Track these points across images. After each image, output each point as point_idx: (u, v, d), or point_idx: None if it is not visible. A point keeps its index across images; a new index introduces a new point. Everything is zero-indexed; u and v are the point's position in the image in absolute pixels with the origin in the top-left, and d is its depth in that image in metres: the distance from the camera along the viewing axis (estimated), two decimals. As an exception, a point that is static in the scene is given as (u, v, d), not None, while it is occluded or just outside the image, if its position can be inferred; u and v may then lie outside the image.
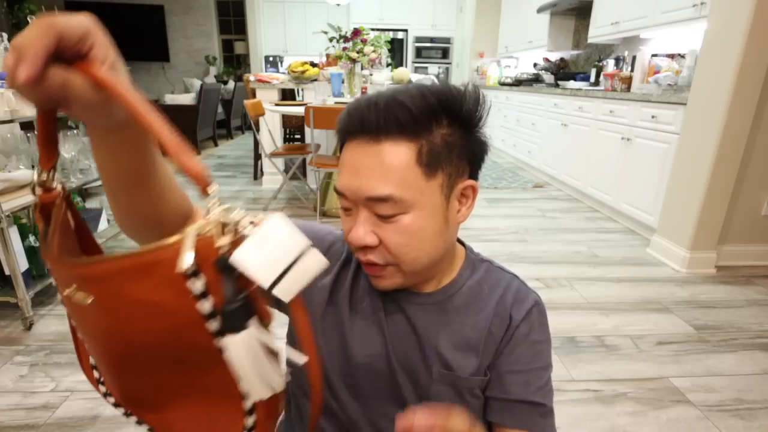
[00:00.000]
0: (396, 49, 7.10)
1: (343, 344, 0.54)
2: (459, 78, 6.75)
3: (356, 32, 2.93)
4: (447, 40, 7.09)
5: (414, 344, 0.53)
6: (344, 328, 0.54)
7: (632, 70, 3.05)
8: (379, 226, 0.46)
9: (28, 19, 1.85)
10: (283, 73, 4.05)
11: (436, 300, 0.54)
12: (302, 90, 3.75)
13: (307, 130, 2.63)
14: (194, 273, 0.27)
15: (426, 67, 7.17)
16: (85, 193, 3.22)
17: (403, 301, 0.54)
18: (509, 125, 4.81)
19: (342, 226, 0.51)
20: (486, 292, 0.55)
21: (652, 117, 2.46)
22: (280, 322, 0.35)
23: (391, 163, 0.44)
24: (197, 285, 0.27)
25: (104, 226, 2.16)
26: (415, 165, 0.45)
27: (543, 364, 0.54)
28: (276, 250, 0.27)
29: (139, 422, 0.40)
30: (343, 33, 3.01)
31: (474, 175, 0.51)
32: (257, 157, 3.93)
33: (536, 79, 4.54)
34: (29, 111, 1.66)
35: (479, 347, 0.53)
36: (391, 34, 6.84)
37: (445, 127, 0.46)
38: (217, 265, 0.27)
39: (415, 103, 0.44)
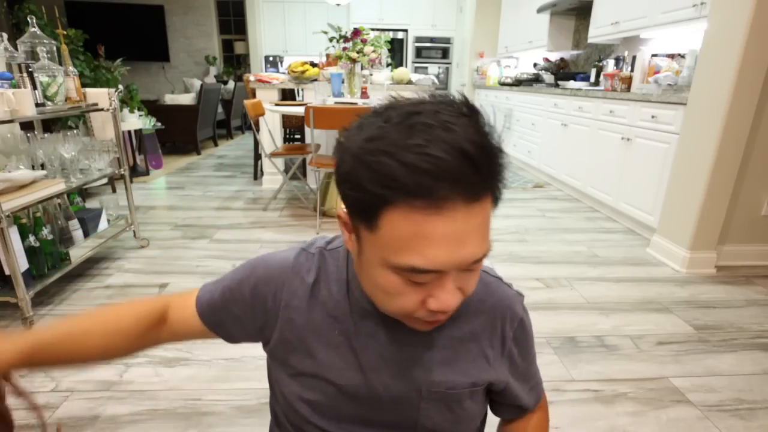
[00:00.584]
0: (396, 49, 7.10)
1: (320, 379, 0.53)
2: (459, 78, 6.75)
3: (356, 32, 2.93)
4: (447, 40, 7.09)
5: (397, 366, 0.52)
6: (317, 363, 0.52)
7: (632, 70, 3.05)
8: (462, 279, 0.42)
9: (28, 19, 1.85)
10: (283, 73, 4.05)
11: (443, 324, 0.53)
12: (302, 90, 3.75)
13: (307, 130, 2.63)
14: None
15: (426, 67, 7.17)
16: (84, 193, 3.22)
17: (389, 322, 0.51)
18: (509, 125, 4.80)
19: (393, 299, 0.42)
20: (475, 300, 0.53)
21: (652, 117, 2.46)
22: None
23: (487, 221, 0.40)
24: None
25: (104, 226, 2.16)
26: (491, 212, 0.41)
27: (533, 357, 0.60)
28: None
29: None
30: (343, 33, 3.01)
31: None
32: (257, 157, 3.93)
33: (536, 79, 4.54)
34: (29, 111, 1.66)
35: (470, 359, 0.53)
36: (391, 34, 6.84)
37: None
38: None
39: (497, 142, 0.39)
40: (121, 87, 3.04)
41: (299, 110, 2.73)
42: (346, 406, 0.53)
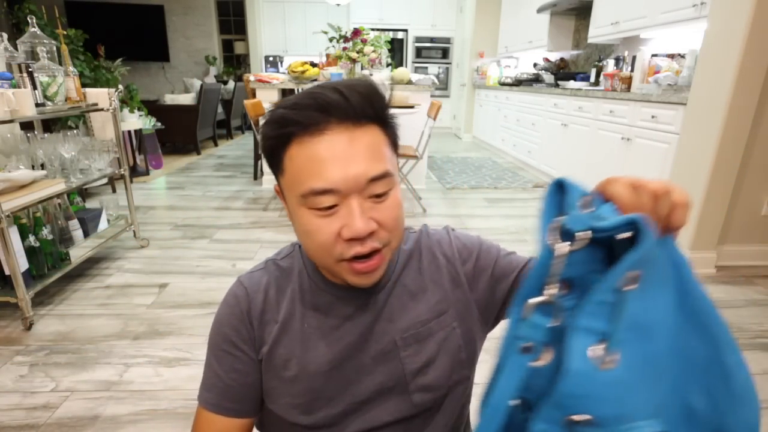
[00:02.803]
0: (396, 49, 7.10)
1: (306, 375, 0.54)
2: (459, 78, 6.75)
3: (356, 32, 2.93)
4: (447, 40, 7.09)
5: (369, 332, 0.55)
6: (299, 361, 0.54)
7: (632, 70, 3.05)
8: (374, 209, 0.47)
9: (28, 19, 1.85)
10: (283, 73, 4.05)
11: (393, 279, 0.57)
12: (302, 90, 3.75)
13: (307, 130, 2.63)
14: None
15: (426, 67, 7.17)
16: (84, 193, 3.22)
17: (353, 299, 0.55)
18: (509, 125, 4.81)
19: (314, 237, 0.47)
20: (413, 250, 0.59)
21: (652, 117, 2.46)
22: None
23: (376, 145, 0.47)
24: None
25: (104, 226, 2.16)
26: (388, 145, 0.49)
27: (497, 253, 0.59)
28: None
29: None
30: (343, 33, 3.01)
31: None
32: (257, 157, 3.93)
33: (536, 79, 4.54)
34: (29, 111, 1.66)
35: (429, 296, 0.57)
36: (391, 34, 6.84)
37: (388, 117, 0.50)
38: None
39: (375, 88, 0.48)
40: (121, 87, 3.04)
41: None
42: (337, 392, 0.54)
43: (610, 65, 3.50)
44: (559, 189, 0.35)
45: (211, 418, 0.56)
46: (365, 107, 0.46)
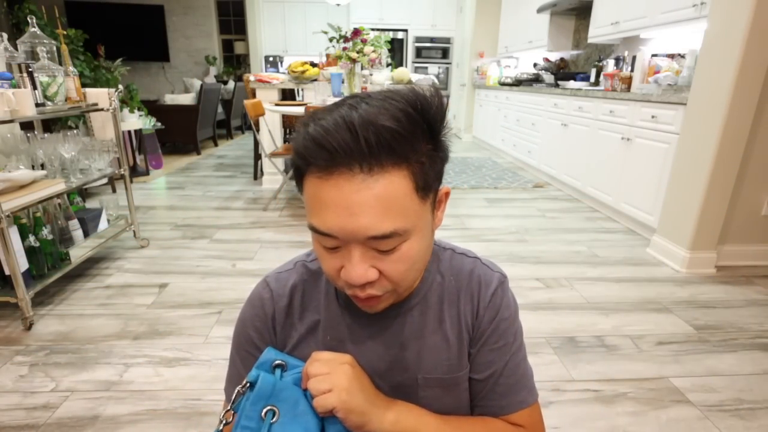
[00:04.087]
0: (396, 49, 7.10)
1: None
2: (459, 78, 6.74)
3: (356, 32, 2.93)
4: (447, 40, 7.09)
5: (392, 359, 0.53)
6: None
7: (632, 70, 3.05)
8: (379, 259, 0.43)
9: (28, 19, 1.85)
10: (283, 73, 4.05)
11: (413, 304, 0.54)
12: (302, 90, 3.75)
13: (307, 130, 2.62)
14: None
15: (426, 67, 7.17)
16: (84, 193, 3.22)
17: (379, 318, 0.53)
18: (509, 125, 4.81)
19: (321, 262, 0.47)
20: (454, 284, 0.55)
21: (652, 117, 2.46)
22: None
23: (390, 197, 0.40)
24: None
25: (104, 226, 2.16)
26: (412, 190, 0.41)
27: (507, 342, 0.54)
28: None
29: None
30: (343, 33, 3.01)
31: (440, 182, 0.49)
32: (257, 157, 3.93)
33: (536, 79, 4.54)
34: (29, 111, 1.66)
35: (459, 342, 0.54)
36: (391, 34, 6.84)
37: (428, 142, 0.42)
38: None
39: (402, 123, 0.39)
40: (121, 87, 3.04)
41: (299, 110, 2.74)
42: None
43: (610, 65, 3.50)
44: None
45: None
46: (382, 150, 0.38)
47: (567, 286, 1.97)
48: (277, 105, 3.27)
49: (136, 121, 3.81)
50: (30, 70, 1.73)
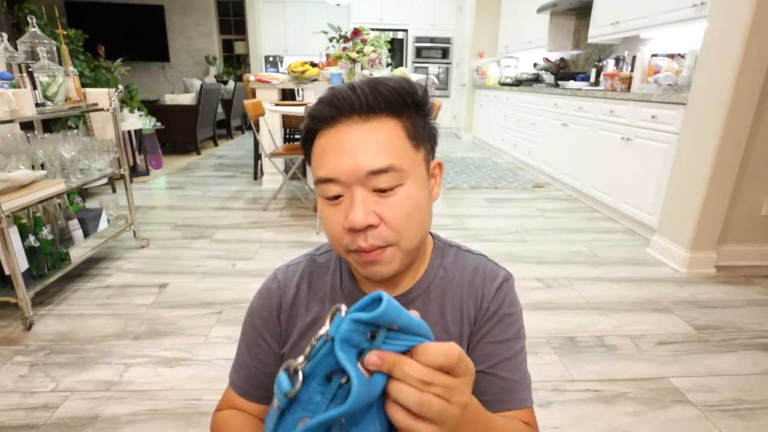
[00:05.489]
0: (396, 49, 7.10)
1: None
2: (459, 78, 6.74)
3: (356, 32, 2.93)
4: (447, 40, 7.09)
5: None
6: None
7: (632, 70, 3.05)
8: (379, 204, 0.46)
9: (28, 19, 1.85)
10: (283, 73, 4.05)
11: (414, 296, 0.55)
12: (302, 90, 3.75)
13: (307, 130, 2.62)
14: None
15: (426, 67, 7.17)
16: (84, 192, 3.22)
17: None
18: (509, 125, 4.81)
19: (326, 226, 0.49)
20: (458, 278, 0.56)
21: (652, 117, 2.46)
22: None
23: (385, 136, 0.47)
24: None
25: (104, 226, 2.16)
26: (405, 137, 0.48)
27: (510, 336, 0.54)
28: None
29: None
30: (343, 33, 3.01)
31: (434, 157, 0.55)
32: (257, 157, 3.93)
33: (536, 79, 4.54)
34: (29, 111, 1.66)
35: (460, 335, 0.55)
36: (391, 34, 6.84)
37: (414, 111, 0.49)
38: None
39: (395, 89, 0.47)
40: (121, 87, 3.04)
41: (299, 110, 2.73)
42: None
43: (610, 65, 3.50)
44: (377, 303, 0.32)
45: (236, 399, 0.59)
46: (375, 100, 0.46)
47: (567, 286, 1.97)
48: (277, 105, 3.27)
49: (136, 121, 3.81)
50: (30, 70, 1.73)
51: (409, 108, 0.49)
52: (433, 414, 0.31)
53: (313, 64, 3.51)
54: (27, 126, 2.10)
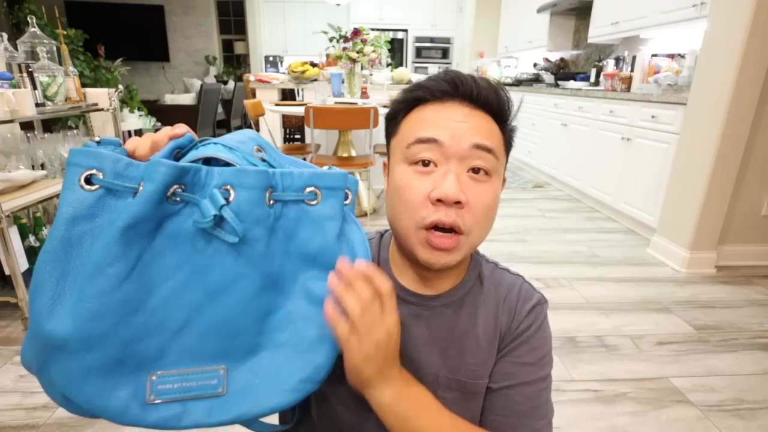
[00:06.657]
0: (396, 49, 7.09)
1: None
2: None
3: (356, 32, 2.93)
4: (447, 40, 7.09)
5: (416, 350, 0.52)
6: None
7: (632, 70, 3.05)
8: (469, 187, 0.46)
9: (28, 19, 1.85)
10: (283, 73, 4.05)
11: (448, 301, 0.53)
12: (302, 90, 3.75)
13: (307, 130, 2.63)
14: None
15: (426, 67, 7.17)
16: (85, 193, 3.21)
17: (417, 308, 0.53)
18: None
19: (404, 194, 0.47)
20: (492, 293, 0.55)
21: (652, 117, 2.46)
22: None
23: (491, 129, 0.48)
24: None
25: (104, 226, 2.16)
26: (502, 140, 0.49)
27: (533, 361, 0.53)
28: None
29: None
30: (343, 33, 3.01)
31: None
32: (257, 157, 3.92)
33: (536, 79, 4.54)
34: (29, 111, 1.66)
35: (489, 349, 0.53)
36: (391, 34, 6.84)
37: (506, 125, 0.51)
38: None
39: (501, 95, 0.49)
40: (121, 87, 3.04)
41: (299, 110, 2.73)
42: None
43: (610, 65, 3.50)
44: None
45: None
46: (490, 97, 0.48)
47: (567, 286, 1.97)
48: (277, 105, 3.26)
49: (136, 121, 3.81)
50: (30, 70, 1.73)
51: (506, 121, 0.50)
52: (364, 323, 0.40)
53: (313, 64, 3.51)
54: (27, 126, 2.10)
